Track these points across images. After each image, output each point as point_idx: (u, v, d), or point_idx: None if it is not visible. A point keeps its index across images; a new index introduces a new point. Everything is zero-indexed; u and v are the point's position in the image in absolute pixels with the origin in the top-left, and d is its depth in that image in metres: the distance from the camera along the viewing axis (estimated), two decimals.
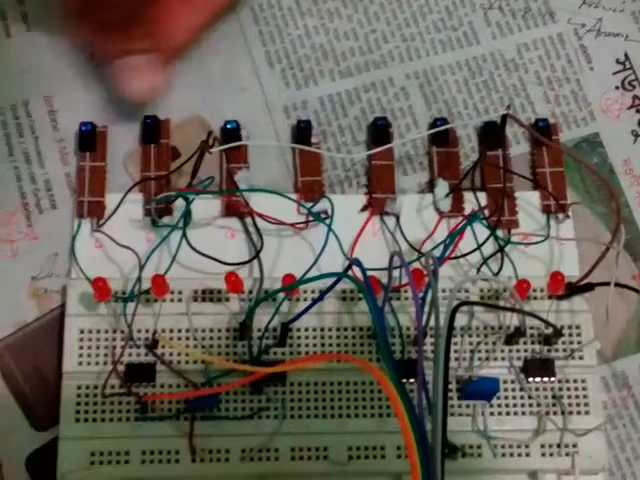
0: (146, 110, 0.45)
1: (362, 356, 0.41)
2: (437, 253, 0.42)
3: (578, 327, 0.42)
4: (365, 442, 0.40)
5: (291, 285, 0.39)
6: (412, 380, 0.40)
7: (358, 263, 0.37)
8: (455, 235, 0.42)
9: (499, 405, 0.41)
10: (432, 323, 0.39)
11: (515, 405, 0.41)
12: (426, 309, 0.38)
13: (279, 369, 0.39)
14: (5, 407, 0.42)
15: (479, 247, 0.43)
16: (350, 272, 0.38)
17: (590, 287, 0.41)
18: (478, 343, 0.42)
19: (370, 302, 0.35)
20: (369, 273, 0.37)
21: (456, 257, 0.43)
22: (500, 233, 0.44)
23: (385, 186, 0.45)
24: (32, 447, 0.41)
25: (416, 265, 0.42)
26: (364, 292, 0.36)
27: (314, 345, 0.41)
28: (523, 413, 0.41)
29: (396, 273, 0.41)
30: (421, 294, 0.38)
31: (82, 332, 0.41)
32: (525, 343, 0.42)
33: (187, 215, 0.42)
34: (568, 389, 0.41)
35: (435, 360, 0.33)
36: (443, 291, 0.42)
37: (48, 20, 0.47)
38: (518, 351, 0.42)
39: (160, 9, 0.43)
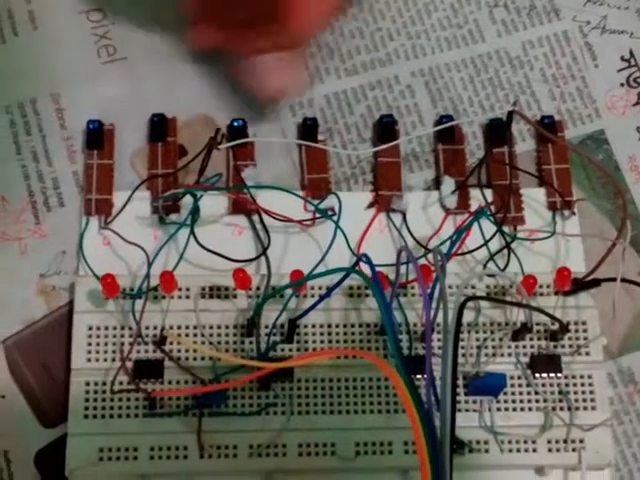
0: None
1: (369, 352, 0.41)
2: (444, 250, 0.42)
3: (584, 323, 0.42)
4: (372, 438, 0.40)
5: (299, 281, 0.39)
6: (419, 376, 0.40)
7: (367, 258, 0.37)
8: (462, 231, 0.42)
9: (506, 401, 0.41)
10: (439, 319, 0.39)
11: (522, 401, 0.41)
12: (433, 305, 0.38)
13: (288, 364, 0.39)
14: (14, 404, 0.42)
15: (486, 243, 0.43)
16: (357, 268, 0.38)
17: (596, 283, 0.41)
18: (485, 339, 0.42)
19: (379, 297, 0.35)
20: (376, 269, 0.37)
21: (463, 253, 0.43)
22: (506, 230, 0.44)
23: (391, 183, 0.45)
24: (41, 444, 0.41)
25: (423, 261, 0.42)
26: (373, 287, 0.36)
27: (321, 341, 0.41)
28: (530, 409, 0.41)
29: (402, 270, 0.41)
30: (428, 290, 0.38)
31: (90, 329, 0.41)
32: (532, 339, 0.42)
33: (195, 212, 0.42)
34: (574, 385, 0.41)
35: (443, 356, 0.34)
36: (450, 287, 0.42)
37: (55, 19, 0.47)
38: (525, 347, 0.42)
39: (292, 3, 0.43)
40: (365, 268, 0.38)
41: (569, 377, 0.41)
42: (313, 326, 0.42)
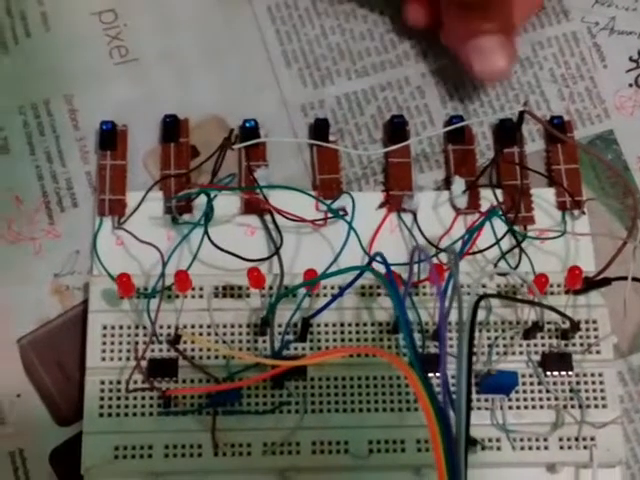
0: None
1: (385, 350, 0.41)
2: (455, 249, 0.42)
3: (595, 322, 0.43)
4: (385, 436, 0.41)
5: (313, 279, 0.39)
6: (430, 375, 0.40)
7: (382, 257, 0.37)
8: (474, 231, 0.42)
9: (517, 399, 0.41)
10: (451, 318, 0.40)
11: (533, 399, 0.41)
12: (446, 304, 0.39)
13: (303, 362, 0.39)
14: (29, 403, 0.42)
15: (498, 242, 0.43)
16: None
17: (607, 282, 0.42)
18: (496, 338, 0.42)
19: (394, 295, 0.36)
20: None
21: (474, 252, 0.43)
22: (516, 230, 0.44)
23: (402, 183, 0.45)
24: (56, 442, 0.42)
25: (434, 261, 0.42)
26: (387, 285, 0.36)
27: (334, 340, 0.42)
28: (541, 407, 0.41)
29: (414, 269, 0.41)
30: (442, 286, 0.38)
31: (105, 328, 0.42)
32: (543, 338, 0.42)
33: (209, 212, 0.43)
34: (585, 383, 0.42)
35: (458, 353, 0.34)
36: (462, 286, 0.42)
37: (68, 20, 0.48)
38: (536, 345, 0.42)
39: None
40: (378, 268, 0.38)
41: (580, 375, 0.42)
42: (326, 325, 0.42)
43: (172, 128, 0.45)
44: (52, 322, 0.43)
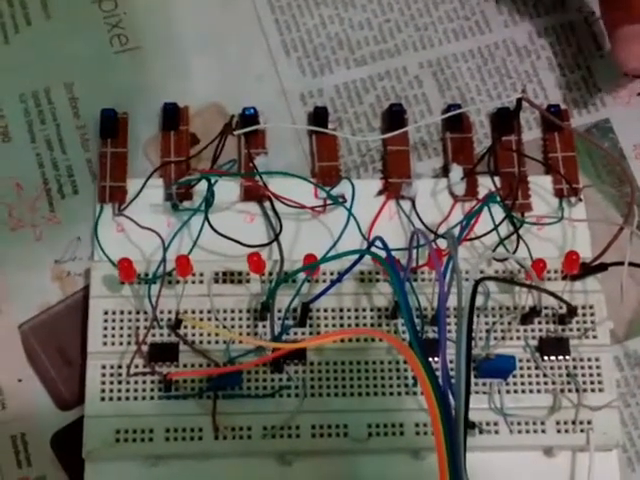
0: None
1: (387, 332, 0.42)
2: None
3: (591, 307, 0.43)
4: (384, 419, 0.41)
5: (313, 264, 0.40)
6: (430, 359, 0.41)
7: (381, 241, 0.37)
8: (472, 216, 0.43)
9: (515, 383, 0.42)
10: (450, 304, 0.40)
11: (531, 383, 0.42)
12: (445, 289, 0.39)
13: (303, 344, 0.39)
14: (30, 387, 0.42)
15: (496, 227, 0.43)
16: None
17: (604, 267, 0.42)
18: (494, 323, 0.42)
19: (394, 277, 0.36)
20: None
21: (472, 239, 0.44)
22: (514, 216, 0.45)
23: (401, 171, 0.46)
24: (57, 426, 0.42)
25: (433, 246, 0.43)
26: (388, 268, 0.37)
27: (333, 325, 0.42)
28: (539, 391, 0.42)
29: (413, 255, 0.42)
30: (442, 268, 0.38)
31: (106, 313, 0.42)
32: (540, 323, 0.42)
33: (209, 197, 0.43)
34: (582, 367, 0.42)
35: (457, 336, 0.34)
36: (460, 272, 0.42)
37: (68, 8, 0.48)
38: (533, 330, 0.42)
39: None
40: (377, 253, 0.39)
41: (577, 360, 0.42)
42: (325, 310, 0.42)
43: (172, 116, 0.46)
44: (53, 308, 0.43)
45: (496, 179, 0.45)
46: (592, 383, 0.42)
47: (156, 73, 0.47)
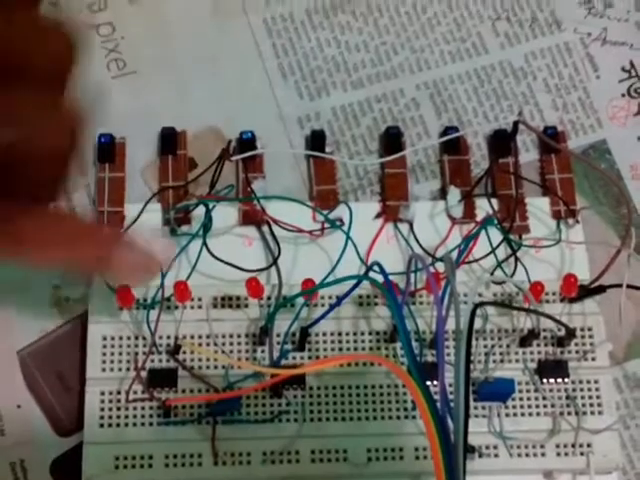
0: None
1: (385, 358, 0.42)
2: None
3: (590, 329, 0.43)
4: (384, 444, 0.41)
5: (311, 289, 0.40)
6: (428, 383, 0.41)
7: (379, 266, 0.37)
8: (470, 239, 0.43)
9: (514, 406, 0.42)
10: (448, 327, 0.40)
11: (530, 406, 0.42)
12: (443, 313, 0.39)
13: (303, 370, 0.39)
14: (29, 413, 0.42)
15: (493, 250, 0.44)
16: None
17: (602, 289, 0.42)
18: (493, 346, 0.42)
19: (392, 302, 0.36)
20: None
21: (470, 262, 0.44)
22: (511, 238, 0.45)
23: (398, 193, 0.46)
24: (56, 452, 0.42)
25: (431, 269, 0.43)
26: (386, 293, 0.37)
27: (332, 349, 0.42)
28: (538, 414, 0.42)
29: (411, 278, 0.42)
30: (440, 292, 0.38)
31: (105, 339, 0.42)
32: (539, 345, 0.42)
33: (207, 222, 0.43)
34: (582, 389, 0.42)
35: (455, 361, 0.34)
36: (458, 295, 0.42)
37: None
38: (532, 353, 0.42)
39: None
40: (375, 277, 0.39)
41: (576, 382, 0.42)
42: (324, 334, 0.42)
43: (170, 140, 0.46)
44: (52, 333, 0.44)
45: (493, 201, 0.45)
46: (591, 405, 0.42)
47: (154, 98, 0.48)
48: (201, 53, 0.48)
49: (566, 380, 0.42)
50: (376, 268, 0.38)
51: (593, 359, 0.43)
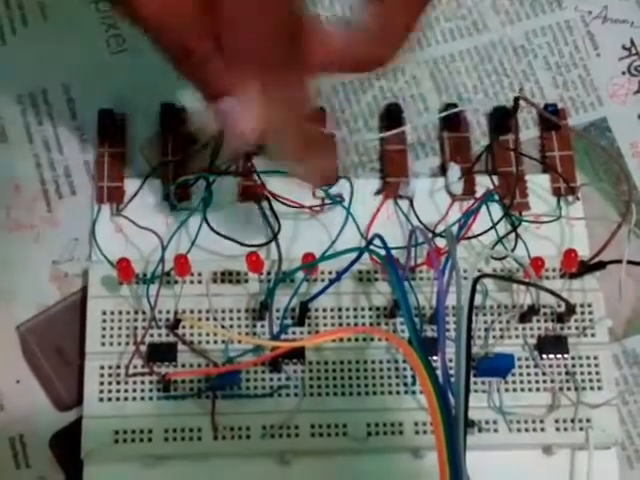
0: None
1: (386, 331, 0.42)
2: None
3: (590, 305, 0.43)
4: (383, 419, 0.41)
5: (311, 262, 0.40)
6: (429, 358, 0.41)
7: (380, 238, 0.37)
8: (470, 214, 0.43)
9: (514, 381, 0.42)
10: (448, 303, 0.40)
11: (529, 381, 0.42)
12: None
13: (303, 343, 0.39)
14: (28, 388, 0.42)
15: (494, 226, 0.44)
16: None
17: (602, 265, 0.42)
18: (492, 322, 0.42)
19: (393, 275, 0.36)
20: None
21: (470, 237, 0.44)
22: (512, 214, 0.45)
23: (398, 170, 0.46)
24: (56, 427, 0.42)
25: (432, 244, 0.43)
26: (387, 265, 0.37)
27: (332, 324, 0.42)
28: (537, 389, 0.42)
29: (411, 253, 0.42)
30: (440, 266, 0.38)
31: (104, 313, 0.42)
32: (539, 321, 0.42)
33: (207, 197, 0.43)
34: (581, 365, 0.42)
35: (456, 336, 0.34)
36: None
37: (64, 9, 0.48)
38: (532, 329, 0.42)
39: None
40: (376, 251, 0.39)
41: (575, 358, 0.42)
42: (324, 309, 0.42)
43: (170, 116, 0.46)
44: (51, 309, 0.43)
45: (494, 178, 0.45)
46: (591, 381, 0.42)
47: (154, 73, 0.47)
48: None
49: (566, 356, 0.42)
50: (377, 242, 0.38)
51: (593, 335, 0.43)
